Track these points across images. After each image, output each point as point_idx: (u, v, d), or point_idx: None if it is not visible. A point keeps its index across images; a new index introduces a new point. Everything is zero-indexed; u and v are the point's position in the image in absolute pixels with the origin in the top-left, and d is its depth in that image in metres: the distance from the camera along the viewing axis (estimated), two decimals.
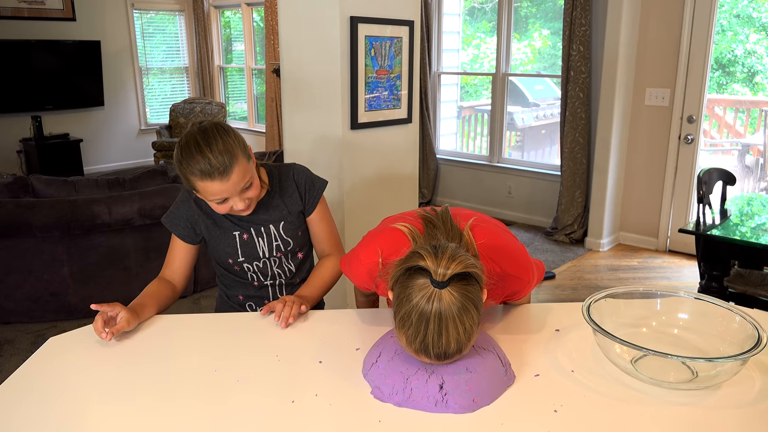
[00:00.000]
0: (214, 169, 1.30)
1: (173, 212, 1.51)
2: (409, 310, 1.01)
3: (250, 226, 1.51)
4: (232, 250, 1.51)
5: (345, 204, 2.66)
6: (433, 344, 1.00)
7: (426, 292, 1.00)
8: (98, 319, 1.27)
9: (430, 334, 1.00)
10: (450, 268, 1.00)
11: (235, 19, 7.87)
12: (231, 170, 1.32)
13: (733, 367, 1.03)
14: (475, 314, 1.02)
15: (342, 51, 2.51)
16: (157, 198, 3.27)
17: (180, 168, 1.34)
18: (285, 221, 1.53)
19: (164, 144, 6.88)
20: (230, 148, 1.33)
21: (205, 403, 1.04)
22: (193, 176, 1.32)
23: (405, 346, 1.05)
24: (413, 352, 1.04)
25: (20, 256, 3.08)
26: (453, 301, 0.99)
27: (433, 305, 0.99)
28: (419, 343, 1.01)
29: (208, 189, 1.33)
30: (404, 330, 1.03)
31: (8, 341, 3.02)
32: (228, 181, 1.33)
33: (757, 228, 2.63)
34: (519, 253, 1.27)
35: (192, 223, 1.50)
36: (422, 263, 1.01)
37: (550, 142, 5.57)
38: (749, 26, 4.63)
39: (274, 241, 1.53)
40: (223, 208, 1.38)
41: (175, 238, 1.51)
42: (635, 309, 1.26)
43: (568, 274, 3.98)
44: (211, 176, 1.31)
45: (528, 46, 5.49)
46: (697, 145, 4.13)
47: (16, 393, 1.08)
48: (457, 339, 1.01)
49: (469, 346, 1.04)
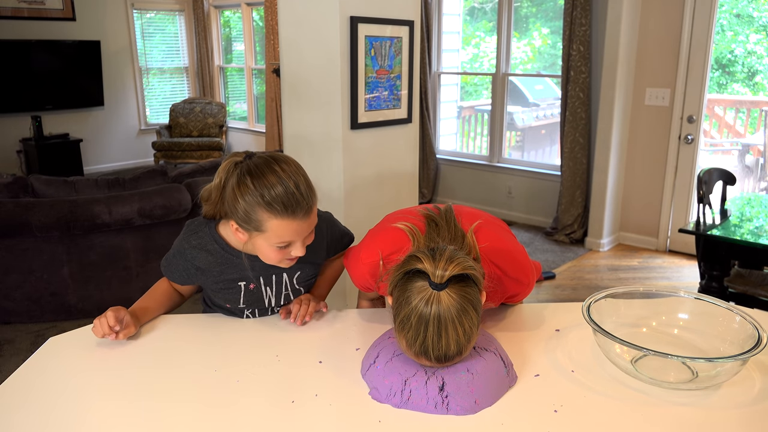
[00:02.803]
0: (299, 209, 1.15)
1: (171, 261, 1.36)
2: (408, 312, 1.01)
3: (260, 275, 1.34)
4: (233, 298, 1.36)
5: (345, 204, 2.66)
6: (433, 347, 1.00)
7: (424, 294, 1.00)
8: (110, 315, 1.22)
9: (429, 336, 1.00)
10: (448, 270, 1.00)
11: (235, 18, 7.87)
12: (312, 209, 1.19)
13: (733, 367, 1.03)
14: (474, 316, 1.02)
15: (342, 51, 2.50)
16: (157, 198, 3.27)
17: (250, 199, 1.14)
18: (302, 271, 1.38)
19: (164, 144, 6.88)
20: (311, 184, 1.18)
21: (205, 403, 1.04)
22: (271, 213, 1.14)
23: (405, 350, 1.05)
24: (413, 355, 1.04)
25: (20, 256, 3.08)
26: (451, 303, 0.99)
27: (431, 307, 0.99)
28: (419, 346, 1.01)
29: (285, 229, 1.16)
30: (404, 333, 1.03)
31: (8, 341, 3.02)
32: (306, 222, 1.18)
33: (757, 228, 2.62)
34: (520, 256, 1.27)
35: (189, 274, 1.35)
36: (420, 266, 1.01)
37: (550, 142, 5.57)
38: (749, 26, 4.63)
39: (284, 291, 1.38)
40: (278, 255, 1.21)
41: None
42: (635, 309, 1.26)
43: (568, 274, 3.98)
44: (294, 214, 1.15)
45: (528, 46, 5.49)
46: (697, 145, 4.13)
47: (16, 393, 1.08)
48: (457, 341, 1.00)
49: (469, 348, 1.04)
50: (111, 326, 1.22)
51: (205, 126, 7.23)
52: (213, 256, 1.31)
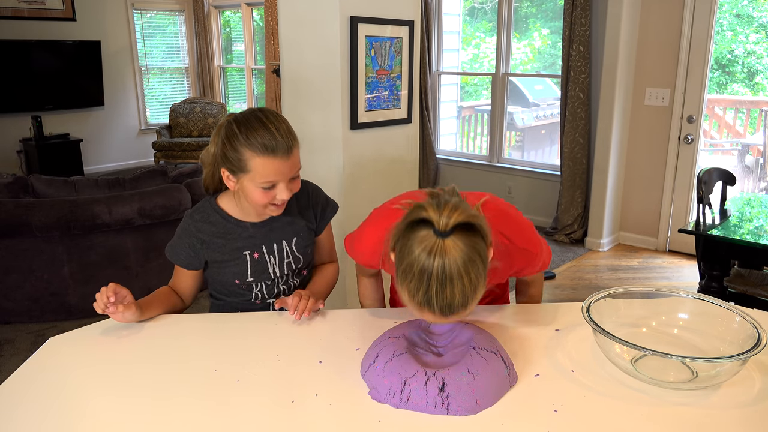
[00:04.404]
0: (279, 145, 1.27)
1: (175, 243, 1.45)
2: (410, 261, 0.97)
3: (263, 243, 1.45)
4: (241, 270, 1.44)
5: (345, 204, 2.65)
6: (437, 297, 0.96)
7: (428, 243, 0.95)
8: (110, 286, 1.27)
9: (433, 285, 0.95)
10: (452, 218, 0.96)
11: (235, 18, 7.87)
12: (293, 149, 1.31)
13: (733, 367, 1.03)
14: (480, 267, 0.97)
15: (342, 51, 2.51)
16: (157, 198, 3.27)
17: (234, 140, 1.28)
18: (298, 237, 1.49)
19: (164, 144, 6.88)
20: (291, 130, 1.32)
21: (205, 403, 1.04)
22: (253, 151, 1.27)
23: (408, 302, 1.00)
24: (417, 307, 0.99)
25: (20, 256, 3.08)
26: (457, 251, 0.95)
27: (435, 255, 0.95)
28: (422, 296, 0.97)
29: (267, 167, 1.28)
30: (406, 283, 0.98)
31: (8, 341, 3.02)
32: (288, 162, 1.29)
33: (757, 228, 2.63)
34: (528, 227, 1.26)
35: (195, 250, 1.43)
36: (424, 214, 0.97)
37: (550, 142, 5.57)
38: (749, 26, 4.63)
39: (286, 258, 1.48)
40: (267, 196, 1.32)
41: (179, 267, 1.47)
42: (635, 309, 1.26)
43: (568, 274, 3.98)
44: (275, 153, 1.27)
45: (528, 46, 5.50)
46: (697, 145, 4.13)
47: (16, 393, 1.08)
48: (463, 291, 0.96)
49: (474, 303, 0.99)
50: (108, 296, 1.25)
51: (206, 126, 7.23)
52: (215, 227, 1.42)
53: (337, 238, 2.60)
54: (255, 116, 1.30)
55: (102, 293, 1.26)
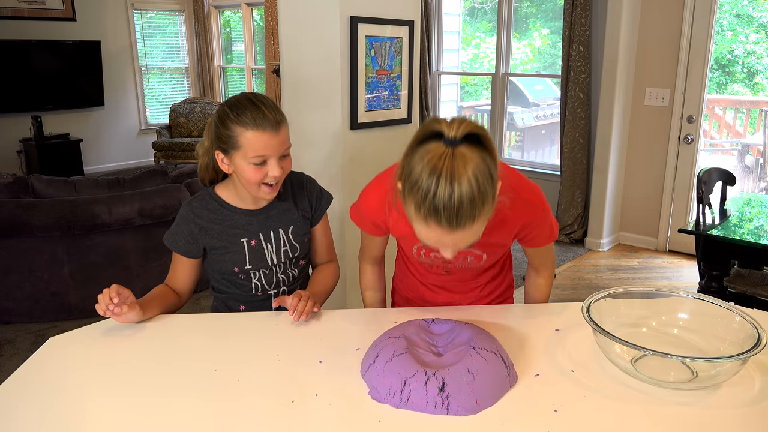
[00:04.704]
0: (267, 120, 1.33)
1: (173, 230, 1.48)
2: (420, 170, 0.96)
3: (259, 231, 1.48)
4: (239, 258, 1.47)
5: (345, 204, 2.65)
6: (444, 201, 0.94)
7: (438, 150, 0.95)
8: (113, 288, 1.27)
9: (441, 188, 0.94)
10: (462, 128, 0.95)
11: (235, 18, 7.87)
12: (281, 126, 1.36)
13: (733, 367, 1.03)
14: (489, 181, 0.96)
15: (342, 51, 2.51)
16: (157, 198, 3.28)
17: (226, 119, 1.34)
18: (294, 225, 1.52)
19: (164, 144, 6.88)
20: (279, 109, 1.38)
21: (206, 404, 1.04)
22: (242, 126, 1.32)
23: (414, 216, 0.99)
24: (422, 220, 0.98)
25: (20, 256, 3.08)
26: (467, 158, 0.94)
27: (445, 159, 0.94)
28: (429, 203, 0.95)
29: (257, 141, 1.33)
30: (413, 194, 0.97)
31: (8, 341, 3.02)
32: (277, 137, 1.34)
33: (757, 228, 2.63)
34: (535, 187, 1.27)
35: (194, 237, 1.46)
36: (434, 126, 0.97)
37: (550, 142, 5.57)
38: (749, 26, 4.63)
39: (283, 246, 1.51)
40: (258, 173, 1.35)
41: (177, 255, 1.49)
42: (635, 309, 1.26)
43: (568, 274, 3.98)
44: (263, 127, 1.32)
45: (528, 46, 5.50)
46: (697, 145, 4.13)
47: (16, 393, 1.08)
48: (471, 196, 0.94)
49: (482, 219, 0.98)
50: (111, 297, 1.26)
51: (206, 126, 7.22)
52: (213, 214, 1.47)
53: (336, 239, 2.60)
54: (245, 97, 1.37)
55: (104, 294, 1.27)
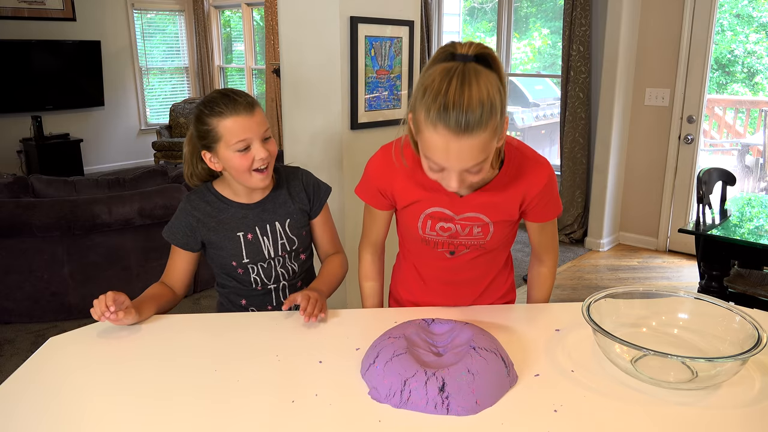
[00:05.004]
0: (238, 104, 1.35)
1: (172, 223, 1.50)
2: (432, 77, 1.01)
3: (256, 224, 1.49)
4: (236, 252, 1.49)
5: (345, 204, 2.65)
6: (454, 102, 0.98)
7: (450, 65, 1.01)
8: (109, 295, 1.28)
9: (453, 87, 0.98)
10: (473, 48, 1.02)
11: (235, 18, 7.87)
12: (255, 108, 1.38)
13: (733, 367, 1.03)
14: (498, 93, 1.02)
15: (342, 51, 2.50)
16: (157, 198, 3.28)
17: (202, 116, 1.37)
18: (291, 218, 1.53)
19: (164, 144, 6.88)
20: (249, 94, 1.41)
21: (206, 403, 1.04)
22: (218, 117, 1.35)
23: (423, 123, 1.03)
24: (431, 124, 1.02)
25: (20, 256, 3.08)
26: (476, 68, 1.00)
27: (456, 67, 1.00)
28: (439, 105, 0.99)
29: (234, 126, 1.35)
30: (423, 99, 1.02)
31: (8, 341, 3.02)
32: (252, 118, 1.36)
33: (757, 228, 2.63)
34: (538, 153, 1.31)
35: (192, 230, 1.48)
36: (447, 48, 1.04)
37: (550, 142, 5.57)
38: (749, 26, 4.63)
39: (279, 240, 1.52)
40: (246, 159, 1.37)
41: (175, 248, 1.50)
42: (635, 309, 1.26)
43: (568, 274, 3.98)
44: (237, 111, 1.35)
45: (528, 46, 5.50)
46: (697, 145, 4.13)
47: (16, 393, 1.08)
48: (480, 99, 0.98)
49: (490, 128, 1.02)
50: (107, 305, 1.26)
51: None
52: (211, 206, 1.49)
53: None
54: (214, 92, 1.41)
55: (100, 301, 1.27)
